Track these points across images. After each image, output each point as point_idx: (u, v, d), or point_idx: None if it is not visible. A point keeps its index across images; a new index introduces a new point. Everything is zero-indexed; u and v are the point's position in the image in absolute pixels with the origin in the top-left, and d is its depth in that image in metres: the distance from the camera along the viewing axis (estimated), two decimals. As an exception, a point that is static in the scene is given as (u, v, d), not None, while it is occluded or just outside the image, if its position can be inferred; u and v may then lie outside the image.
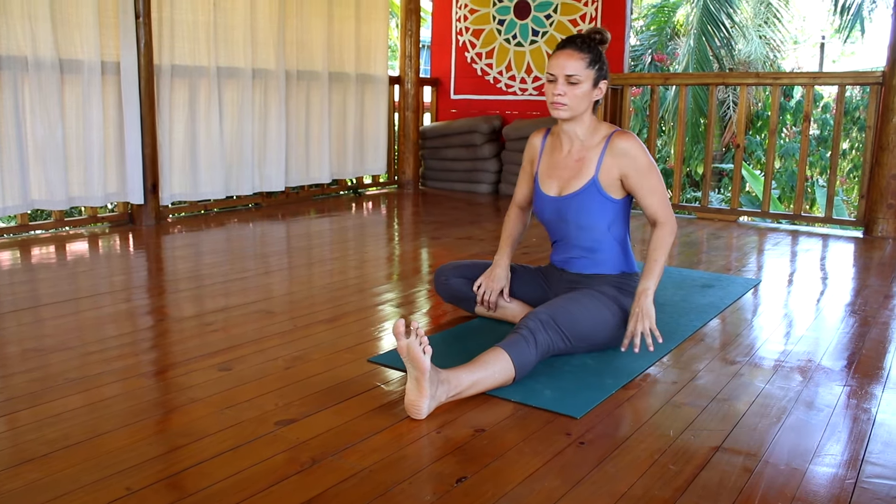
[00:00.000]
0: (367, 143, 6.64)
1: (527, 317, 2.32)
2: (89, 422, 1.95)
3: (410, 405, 2.00)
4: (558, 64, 2.48)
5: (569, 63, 2.47)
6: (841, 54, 18.03)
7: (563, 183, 2.62)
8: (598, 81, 2.53)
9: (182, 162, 5.12)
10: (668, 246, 2.55)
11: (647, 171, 2.54)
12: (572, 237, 2.65)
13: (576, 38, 2.53)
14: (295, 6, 5.78)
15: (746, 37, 12.39)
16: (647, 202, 2.57)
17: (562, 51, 2.50)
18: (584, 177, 2.58)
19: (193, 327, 2.82)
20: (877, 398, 2.23)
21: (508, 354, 2.18)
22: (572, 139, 2.62)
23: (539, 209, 2.72)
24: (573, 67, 2.46)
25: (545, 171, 2.69)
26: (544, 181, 2.68)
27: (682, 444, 1.89)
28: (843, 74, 5.85)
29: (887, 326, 2.97)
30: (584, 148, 2.60)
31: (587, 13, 6.54)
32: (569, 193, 2.60)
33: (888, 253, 4.50)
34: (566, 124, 2.59)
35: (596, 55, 2.51)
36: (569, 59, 2.47)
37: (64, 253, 4.16)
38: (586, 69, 2.48)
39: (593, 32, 2.55)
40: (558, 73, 2.48)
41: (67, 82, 4.45)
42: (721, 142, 11.98)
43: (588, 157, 2.59)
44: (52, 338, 2.66)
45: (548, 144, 2.73)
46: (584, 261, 2.65)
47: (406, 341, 1.95)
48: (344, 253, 4.38)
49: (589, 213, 2.58)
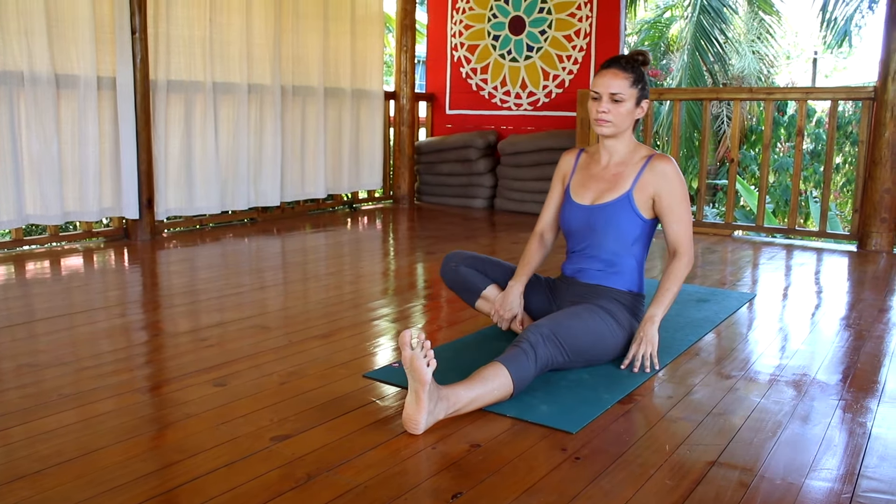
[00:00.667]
0: (362, 158, 6.65)
1: (528, 330, 2.32)
2: (83, 438, 1.94)
3: (408, 419, 2.00)
4: (603, 82, 2.55)
5: (613, 82, 2.53)
6: (833, 69, 18.16)
7: (597, 193, 2.67)
8: (641, 101, 2.59)
9: (177, 177, 5.13)
10: (682, 278, 2.60)
11: (680, 198, 2.59)
12: (595, 248, 2.66)
13: (620, 58, 2.60)
14: (290, 22, 5.80)
15: (740, 52, 12.47)
16: (673, 229, 2.61)
17: (607, 70, 2.57)
18: (619, 189, 2.62)
19: (188, 342, 2.81)
20: (872, 412, 2.23)
21: (507, 370, 2.17)
22: (611, 154, 2.68)
23: (567, 218, 2.74)
24: (618, 86, 2.53)
25: (579, 182, 2.74)
26: (577, 192, 2.72)
27: (678, 459, 1.89)
28: (836, 90, 5.89)
29: (882, 340, 2.98)
30: (622, 164, 2.66)
31: (581, 29, 6.58)
32: (601, 203, 2.64)
33: (882, 267, 4.51)
34: (608, 140, 2.65)
35: (639, 75, 2.57)
36: (614, 77, 2.54)
37: (59, 268, 4.15)
38: (630, 88, 2.54)
39: (636, 54, 2.61)
40: (603, 92, 2.54)
41: (63, 97, 4.45)
42: (715, 156, 12.03)
43: (625, 173, 2.64)
44: (47, 353, 2.65)
45: (582, 161, 2.78)
46: (599, 273, 2.66)
47: (410, 352, 1.95)
48: (339, 268, 4.38)
49: (617, 225, 2.62)
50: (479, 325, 3.05)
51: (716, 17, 11.80)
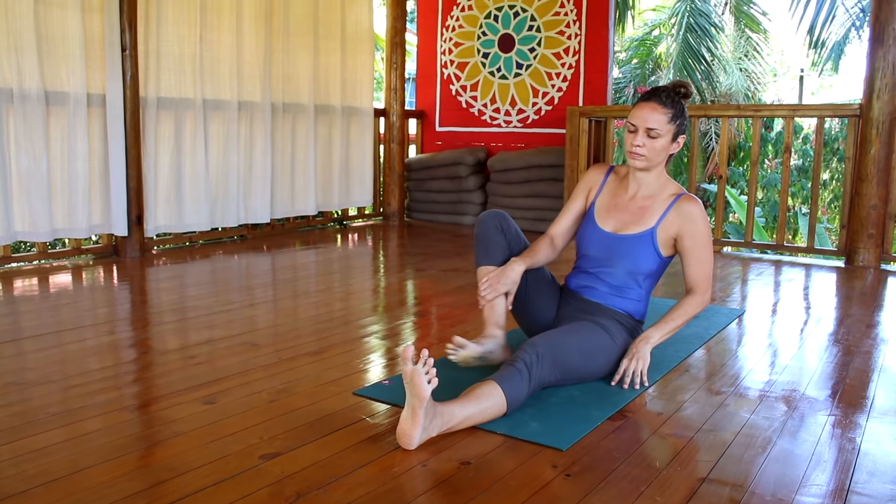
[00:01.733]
0: (352, 175, 6.65)
1: (523, 349, 2.30)
2: (70, 457, 1.93)
3: (403, 434, 1.99)
4: (641, 116, 2.51)
5: (652, 116, 2.49)
6: (820, 87, 18.34)
7: (620, 223, 2.64)
8: (678, 136, 2.56)
9: (167, 194, 5.12)
10: (691, 315, 2.60)
11: (703, 241, 2.58)
12: (607, 274, 2.65)
13: (661, 91, 2.55)
14: (281, 40, 5.82)
15: (727, 70, 12.58)
16: (692, 270, 2.60)
17: (646, 103, 2.52)
18: (644, 224, 2.60)
19: (177, 360, 2.79)
20: (861, 427, 2.24)
21: (502, 388, 2.17)
22: (640, 185, 2.65)
23: (586, 240, 2.71)
24: (655, 121, 2.49)
25: (604, 206, 2.70)
26: (601, 215, 2.69)
27: (668, 476, 1.89)
28: (822, 107, 5.94)
29: (870, 356, 2.99)
30: (650, 197, 2.63)
31: (570, 46, 6.62)
32: (623, 234, 2.62)
33: (869, 282, 4.54)
34: (639, 172, 2.62)
35: (679, 110, 2.53)
36: (652, 112, 2.50)
37: (47, 285, 4.13)
38: (668, 124, 2.51)
39: (678, 86, 2.58)
40: (640, 125, 2.51)
41: (53, 114, 4.45)
42: (704, 173, 12.10)
43: (652, 208, 2.61)
44: (34, 371, 2.63)
45: (610, 181, 2.74)
46: (605, 294, 2.65)
47: (412, 367, 1.94)
48: (329, 285, 4.37)
49: (636, 259, 2.60)
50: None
51: (703, 36, 11.91)
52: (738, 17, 13.02)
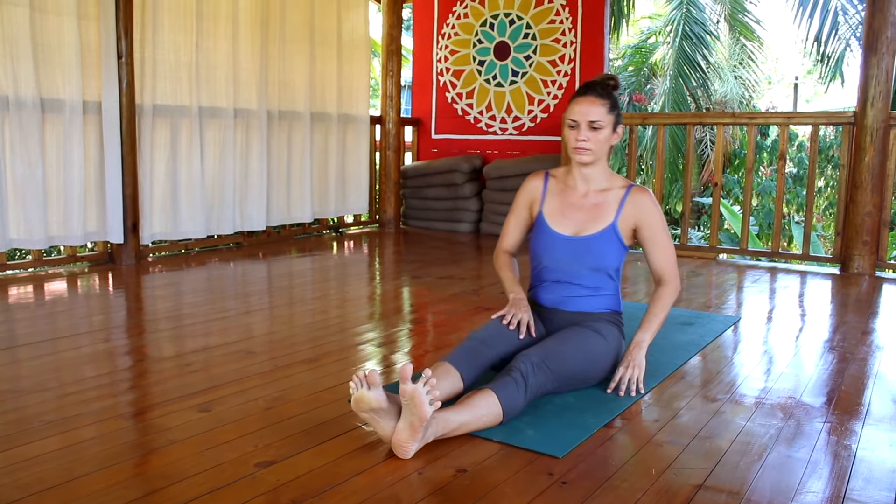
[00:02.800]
0: (348, 182, 6.66)
1: (518, 359, 2.31)
2: (65, 465, 1.92)
3: (399, 445, 1.99)
4: (581, 111, 2.53)
5: (591, 109, 2.52)
6: (814, 94, 18.40)
7: (579, 224, 2.64)
8: (616, 126, 2.60)
9: (163, 201, 5.11)
10: (669, 305, 2.63)
11: (662, 228, 2.63)
12: (577, 277, 2.64)
13: (595, 84, 2.58)
14: (277, 47, 5.83)
15: (722, 77, 12.62)
16: (658, 258, 2.64)
17: (583, 97, 2.55)
18: (604, 221, 2.62)
19: (173, 368, 2.79)
20: (857, 434, 2.24)
21: (498, 397, 2.17)
22: (588, 182, 2.66)
23: (544, 248, 2.69)
24: (596, 113, 2.52)
25: (555, 211, 2.69)
26: (555, 221, 2.68)
27: (664, 483, 1.88)
28: (817, 114, 5.96)
29: (865, 363, 3.00)
30: (602, 192, 2.65)
31: (566, 54, 6.64)
32: (587, 235, 2.62)
33: (864, 289, 4.55)
34: (585, 168, 2.63)
35: (614, 101, 2.58)
36: (591, 105, 2.53)
37: (42, 292, 4.12)
38: (608, 115, 2.55)
39: (608, 79, 2.62)
40: (581, 120, 2.53)
41: (48, 121, 4.45)
42: (699, 180, 12.13)
43: (606, 202, 2.64)
44: (29, 379, 2.62)
45: (552, 186, 2.73)
46: (583, 299, 2.65)
47: (413, 386, 1.93)
48: (325, 292, 4.37)
49: (604, 256, 2.62)
50: (465, 349, 3.05)
51: (698, 44, 11.95)
52: (733, 26, 13.06)
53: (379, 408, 1.99)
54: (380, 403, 1.98)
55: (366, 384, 1.98)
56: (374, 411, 2.00)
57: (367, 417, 2.03)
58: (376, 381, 1.98)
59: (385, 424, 2.01)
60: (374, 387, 1.98)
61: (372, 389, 1.98)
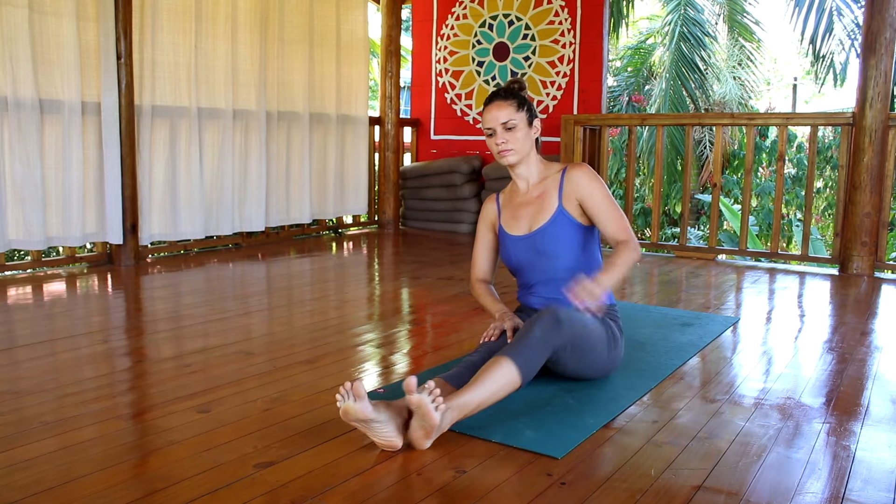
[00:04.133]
0: (347, 183, 6.66)
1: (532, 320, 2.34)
2: (64, 466, 1.92)
3: (414, 442, 2.05)
4: (491, 117, 2.62)
5: (500, 113, 2.61)
6: (813, 95, 18.42)
7: (530, 220, 2.69)
8: (532, 121, 2.66)
9: (162, 202, 5.11)
10: (630, 260, 2.49)
11: (604, 196, 2.61)
12: (551, 271, 2.66)
13: (498, 91, 2.68)
14: (276, 48, 5.83)
15: (721, 78, 12.61)
16: (610, 227, 2.60)
17: (490, 105, 2.64)
18: (550, 208, 2.66)
19: (172, 369, 2.79)
20: (856, 435, 2.24)
21: (514, 363, 2.20)
22: (528, 180, 2.73)
23: (509, 254, 2.74)
24: (505, 115, 2.60)
25: (508, 218, 2.76)
26: (510, 225, 2.74)
27: (663, 484, 1.88)
28: (816, 115, 5.96)
29: (864, 363, 3.00)
30: (541, 183, 2.71)
31: (565, 55, 6.65)
32: (539, 227, 2.66)
33: (863, 290, 4.55)
34: (518, 168, 2.71)
35: (521, 99, 2.64)
36: (499, 109, 2.61)
37: (41, 293, 4.12)
38: (517, 112, 2.61)
39: (512, 83, 2.69)
40: (494, 125, 2.61)
41: (47, 122, 4.45)
42: (698, 181, 12.13)
43: (548, 191, 2.69)
44: (28, 380, 2.62)
45: (503, 201, 2.82)
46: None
47: (418, 396, 1.97)
48: (324, 293, 4.36)
49: (562, 241, 2.64)
50: (464, 350, 3.05)
51: (696, 45, 11.95)
52: (732, 27, 13.06)
53: (366, 419, 1.99)
54: (366, 414, 1.99)
55: (351, 396, 1.99)
56: (361, 422, 2.01)
57: (357, 427, 2.04)
58: (361, 392, 1.98)
59: (377, 432, 2.02)
60: (360, 398, 1.98)
61: (358, 401, 1.98)
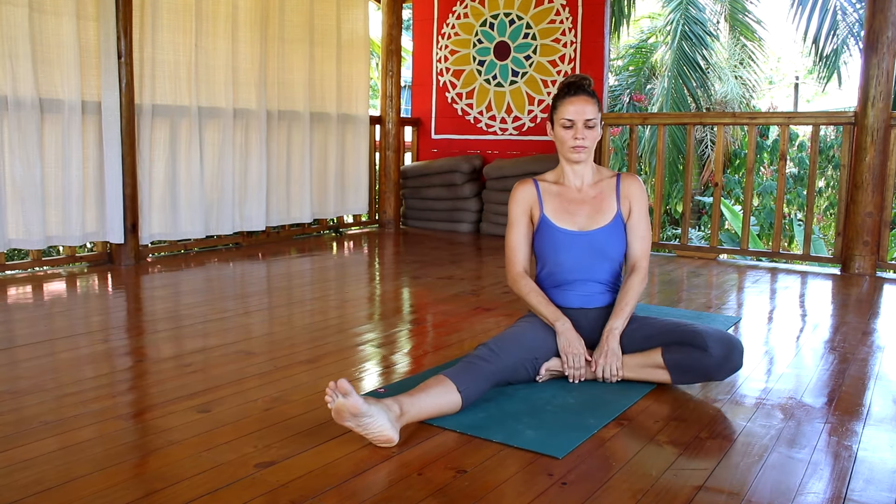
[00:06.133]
0: (348, 182, 6.65)
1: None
2: (63, 466, 1.91)
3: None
4: (577, 110, 2.57)
5: (587, 108, 2.57)
6: (815, 94, 18.40)
7: (586, 219, 2.67)
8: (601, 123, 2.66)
9: (162, 201, 5.11)
10: (640, 294, 2.66)
11: (646, 216, 2.71)
12: (593, 272, 2.66)
13: (581, 83, 2.62)
14: (276, 47, 5.82)
15: (722, 77, 12.61)
16: (638, 246, 2.69)
17: (577, 97, 2.58)
18: (609, 211, 2.67)
19: (172, 368, 2.78)
20: (858, 435, 2.23)
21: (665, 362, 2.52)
22: (582, 178, 2.71)
23: (557, 247, 2.66)
24: (591, 112, 2.57)
25: (558, 210, 2.68)
26: (561, 218, 2.67)
27: (664, 484, 1.88)
28: (817, 114, 5.95)
29: (866, 363, 2.99)
30: (597, 184, 2.71)
31: (566, 54, 6.64)
32: (598, 228, 2.66)
33: (865, 290, 4.54)
34: (577, 165, 2.68)
35: (598, 99, 2.64)
36: (586, 104, 2.57)
37: (41, 293, 4.12)
38: (598, 112, 2.61)
39: (583, 79, 2.65)
40: (578, 119, 2.57)
41: (47, 121, 4.44)
42: (700, 180, 12.12)
43: (605, 193, 2.69)
44: (27, 379, 2.62)
45: (545, 189, 2.71)
46: (603, 295, 2.69)
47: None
48: (324, 293, 4.36)
49: (617, 244, 2.68)
50: (464, 349, 3.04)
51: (697, 44, 11.94)
52: (733, 26, 13.06)
53: (358, 412, 1.99)
54: (358, 408, 1.98)
55: (338, 394, 1.98)
56: (355, 418, 2.00)
57: (352, 426, 2.02)
58: (346, 388, 1.98)
59: (371, 428, 2.01)
60: (348, 394, 1.98)
61: (347, 397, 1.98)
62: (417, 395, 2.17)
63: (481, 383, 2.32)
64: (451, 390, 2.23)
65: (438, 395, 2.20)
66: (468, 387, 2.26)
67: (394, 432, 2.03)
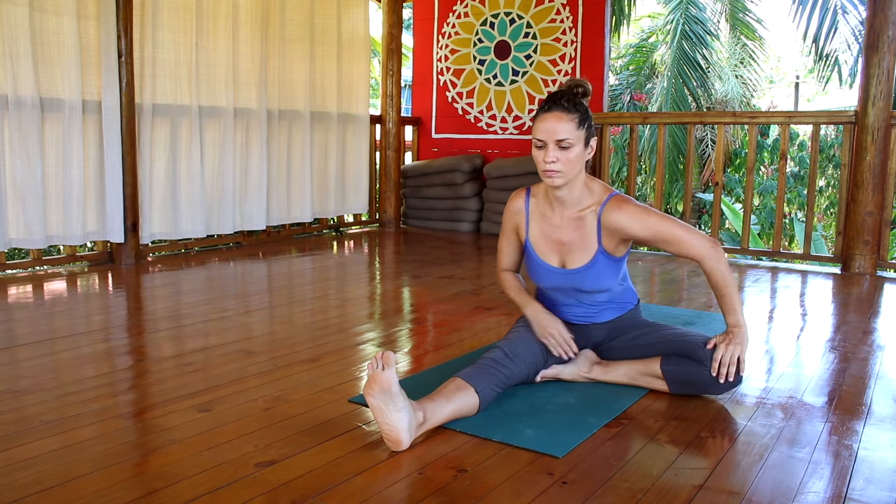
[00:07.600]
0: (348, 181, 6.65)
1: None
2: (64, 465, 1.91)
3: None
4: (546, 128, 2.29)
5: (559, 126, 2.27)
6: (815, 93, 18.39)
7: (565, 256, 2.50)
8: (589, 140, 2.36)
9: (163, 201, 5.11)
10: (726, 273, 2.39)
11: (654, 220, 2.40)
12: (588, 297, 2.58)
13: (560, 96, 2.32)
14: (277, 46, 5.82)
15: (723, 77, 12.60)
16: (673, 247, 2.41)
17: (549, 113, 2.30)
18: (589, 249, 2.45)
19: (172, 367, 2.78)
20: (858, 434, 2.23)
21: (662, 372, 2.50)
22: (564, 205, 2.45)
23: (540, 277, 2.57)
24: (564, 131, 2.27)
25: (539, 238, 2.53)
26: (541, 250, 2.53)
27: (664, 483, 1.88)
28: (818, 114, 5.95)
29: (867, 362, 2.99)
30: (578, 218, 2.45)
31: (567, 53, 6.64)
32: (578, 267, 2.48)
33: (866, 289, 4.54)
34: (558, 190, 2.40)
35: (584, 113, 2.32)
36: (558, 121, 2.28)
37: (42, 292, 4.12)
38: (577, 130, 2.29)
39: (574, 87, 2.37)
40: (548, 139, 2.29)
41: (48, 121, 4.44)
42: (700, 180, 12.12)
43: (586, 227, 2.44)
44: (28, 379, 2.62)
45: (533, 208, 2.54)
46: (608, 310, 2.63)
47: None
48: (325, 292, 4.36)
49: (602, 279, 2.49)
50: (464, 349, 3.04)
51: (698, 43, 11.94)
52: (734, 25, 13.05)
53: (391, 391, 1.97)
54: (391, 385, 1.97)
55: (381, 364, 1.99)
56: (384, 394, 1.97)
57: (375, 404, 1.99)
58: (391, 360, 1.99)
59: (389, 417, 1.99)
60: (389, 367, 1.99)
61: (387, 369, 1.98)
62: (440, 402, 2.15)
63: (496, 387, 2.31)
64: (471, 393, 2.22)
65: (460, 401, 2.19)
66: (485, 388, 2.26)
67: (407, 436, 2.01)
